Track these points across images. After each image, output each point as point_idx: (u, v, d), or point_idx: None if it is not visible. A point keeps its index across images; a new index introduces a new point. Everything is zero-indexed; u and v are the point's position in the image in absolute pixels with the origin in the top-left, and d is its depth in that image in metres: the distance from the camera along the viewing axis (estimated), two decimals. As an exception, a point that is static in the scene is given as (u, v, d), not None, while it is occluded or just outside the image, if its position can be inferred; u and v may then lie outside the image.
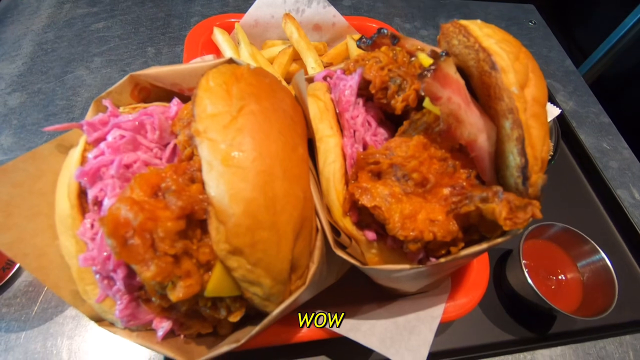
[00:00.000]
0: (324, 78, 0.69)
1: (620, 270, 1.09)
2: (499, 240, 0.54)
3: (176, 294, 0.42)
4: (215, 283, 0.46)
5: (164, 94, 0.71)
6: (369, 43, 0.68)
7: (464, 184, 0.55)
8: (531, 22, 1.84)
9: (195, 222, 0.46)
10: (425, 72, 0.47)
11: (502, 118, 0.53)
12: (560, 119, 1.36)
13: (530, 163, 0.51)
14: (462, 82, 0.54)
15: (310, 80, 0.72)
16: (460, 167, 0.56)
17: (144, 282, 0.42)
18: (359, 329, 0.69)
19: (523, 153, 0.50)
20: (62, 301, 0.85)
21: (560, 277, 0.97)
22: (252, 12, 1.23)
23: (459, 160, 0.56)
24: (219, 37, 1.18)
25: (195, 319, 0.59)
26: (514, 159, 0.53)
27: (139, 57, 1.37)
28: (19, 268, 0.87)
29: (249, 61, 1.10)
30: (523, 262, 0.93)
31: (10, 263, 0.85)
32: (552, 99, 1.42)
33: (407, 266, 0.53)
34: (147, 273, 0.40)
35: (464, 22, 0.57)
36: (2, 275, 0.84)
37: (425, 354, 0.66)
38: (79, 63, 1.31)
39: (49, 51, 1.32)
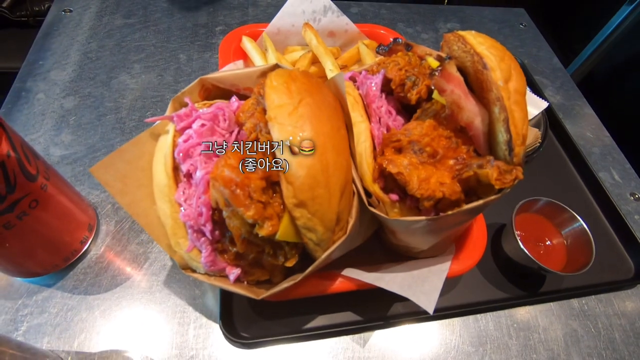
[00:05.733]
0: (350, 78, 0.86)
1: (601, 240, 1.27)
2: (493, 197, 0.71)
3: (265, 230, 0.59)
4: (284, 229, 0.63)
5: (220, 93, 0.88)
6: (386, 50, 0.85)
7: (465, 156, 0.72)
8: (522, 25, 2.02)
9: (269, 183, 0.63)
10: (434, 72, 0.64)
11: (492, 105, 0.70)
12: (549, 111, 1.53)
13: (514, 138, 0.68)
14: (461, 78, 0.71)
15: (339, 80, 0.89)
16: (462, 143, 0.73)
17: (246, 219, 0.58)
18: (382, 279, 0.86)
19: (508, 130, 0.67)
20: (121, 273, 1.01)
21: (547, 243, 1.14)
22: (275, 22, 1.40)
23: (460, 138, 0.73)
24: (248, 44, 1.35)
25: (257, 267, 0.76)
26: (502, 136, 0.70)
27: (173, 63, 1.54)
28: (91, 243, 1.03)
29: (276, 65, 1.27)
30: (516, 232, 1.10)
31: (86, 238, 1.02)
32: (541, 94, 1.58)
33: (422, 218, 0.70)
34: (249, 212, 0.56)
35: (461, 32, 0.74)
36: (80, 248, 1.00)
37: (436, 296, 0.83)
38: (121, 70, 1.48)
39: (94, 59, 1.49)
